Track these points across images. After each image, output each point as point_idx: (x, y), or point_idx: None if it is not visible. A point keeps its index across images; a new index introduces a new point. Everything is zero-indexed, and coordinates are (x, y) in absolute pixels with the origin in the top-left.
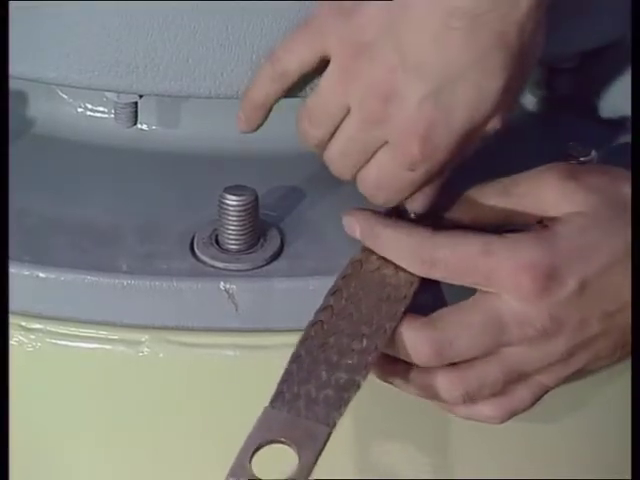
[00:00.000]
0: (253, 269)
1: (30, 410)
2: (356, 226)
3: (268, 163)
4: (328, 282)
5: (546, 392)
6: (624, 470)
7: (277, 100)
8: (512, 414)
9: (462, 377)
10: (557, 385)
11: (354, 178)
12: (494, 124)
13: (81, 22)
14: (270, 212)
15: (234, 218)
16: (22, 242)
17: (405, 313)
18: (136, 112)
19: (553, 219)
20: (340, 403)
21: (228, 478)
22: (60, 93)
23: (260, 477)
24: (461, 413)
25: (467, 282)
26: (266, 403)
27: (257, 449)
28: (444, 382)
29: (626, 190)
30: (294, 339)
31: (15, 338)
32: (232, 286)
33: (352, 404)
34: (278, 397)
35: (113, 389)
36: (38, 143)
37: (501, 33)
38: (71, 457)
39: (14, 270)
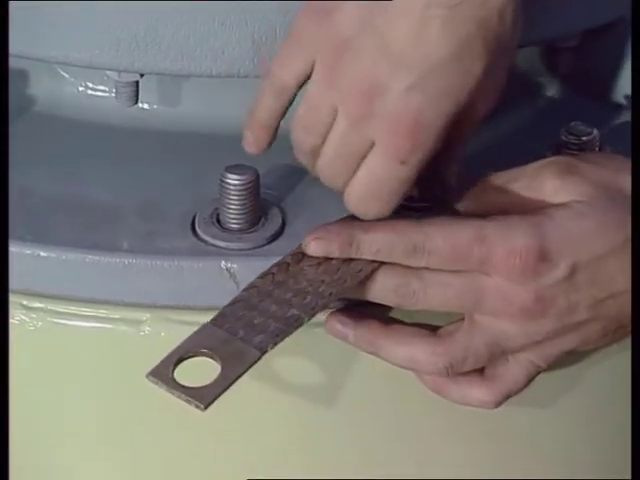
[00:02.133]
0: (254, 248)
1: (31, 389)
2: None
3: None
4: None
5: (538, 372)
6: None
7: (283, 116)
8: (505, 396)
9: (445, 347)
10: (548, 364)
11: (344, 187)
12: (483, 108)
13: (82, 1)
14: (271, 191)
15: (235, 197)
16: (23, 221)
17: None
18: (137, 91)
19: (554, 207)
20: (277, 334)
21: (148, 376)
22: (61, 72)
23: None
24: (454, 396)
25: (460, 268)
26: (268, 383)
27: (186, 358)
28: (427, 352)
29: (626, 183)
30: None
31: (16, 317)
32: (233, 265)
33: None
34: (220, 317)
35: (114, 368)
36: (39, 122)
37: (481, 19)
38: (72, 436)
39: (15, 249)
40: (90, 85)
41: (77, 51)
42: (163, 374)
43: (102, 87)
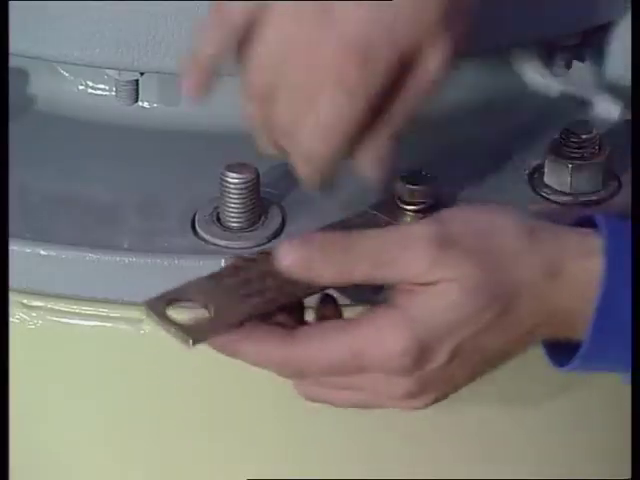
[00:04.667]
0: (254, 247)
1: (31, 387)
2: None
3: None
4: None
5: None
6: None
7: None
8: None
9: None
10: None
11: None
12: (436, 59)
13: (83, 0)
14: (271, 190)
15: (235, 196)
16: (23, 219)
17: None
18: (137, 90)
19: (424, 284)
20: (265, 308)
21: (143, 304)
22: (61, 70)
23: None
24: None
25: (339, 372)
26: (265, 380)
27: (180, 300)
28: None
29: (503, 240)
30: None
31: (16, 316)
32: None
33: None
34: (218, 274)
35: (114, 367)
36: (39, 121)
37: None
38: (72, 434)
39: (15, 247)
40: (90, 84)
41: (77, 50)
42: (156, 307)
43: (102, 86)
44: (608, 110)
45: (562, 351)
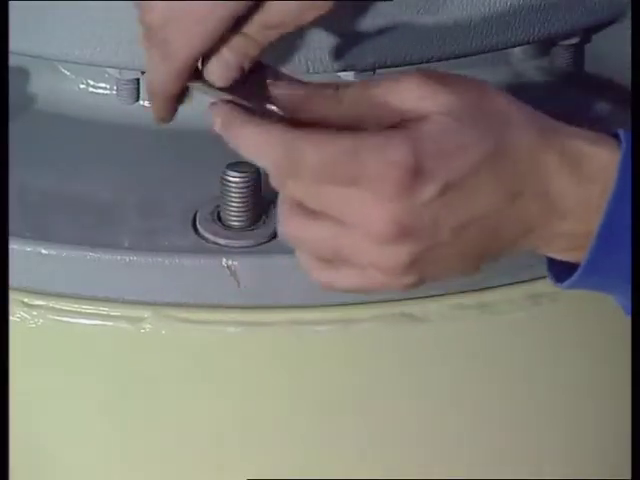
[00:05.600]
0: (255, 246)
1: (32, 386)
2: (217, 119)
3: None
4: None
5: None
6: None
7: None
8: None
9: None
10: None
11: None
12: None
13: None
14: (272, 189)
15: (236, 195)
16: (24, 218)
17: None
18: (138, 88)
19: (415, 119)
20: None
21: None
22: (62, 69)
23: None
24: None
25: (331, 175)
26: (268, 381)
27: None
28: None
29: (491, 103)
30: (296, 315)
31: (17, 314)
32: (234, 263)
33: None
34: None
35: (115, 366)
36: (40, 119)
37: None
38: (73, 433)
39: (16, 246)
40: (91, 82)
41: (78, 48)
42: None
43: (103, 84)
44: (607, 109)
45: (562, 270)
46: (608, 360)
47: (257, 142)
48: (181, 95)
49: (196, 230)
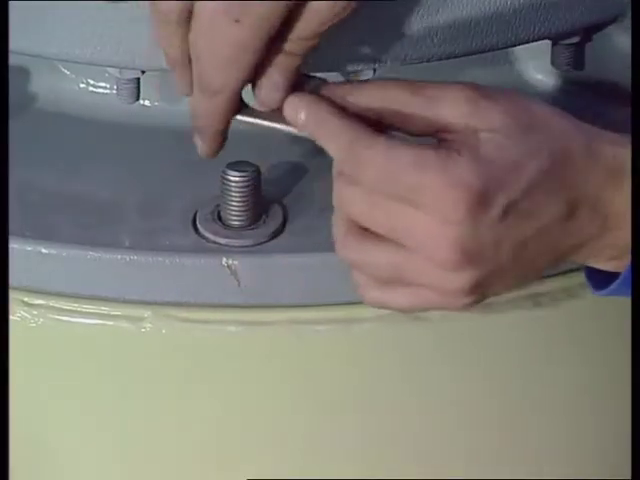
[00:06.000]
0: (255, 245)
1: (32, 386)
2: (301, 110)
3: (271, 139)
4: (330, 258)
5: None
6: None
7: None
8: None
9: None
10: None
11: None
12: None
13: None
14: (272, 188)
15: (236, 194)
16: (24, 218)
17: None
18: (138, 88)
19: (459, 135)
20: None
21: None
22: (62, 69)
23: None
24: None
25: (391, 190)
26: (268, 380)
27: None
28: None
29: (537, 116)
30: (296, 315)
31: (17, 314)
32: (234, 262)
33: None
34: None
35: (115, 365)
36: (40, 119)
37: None
38: (73, 432)
39: (16, 246)
40: (91, 82)
41: (78, 48)
42: None
43: (103, 84)
44: (607, 109)
45: (600, 278)
46: (608, 360)
47: (337, 133)
48: (227, 128)
49: (196, 229)
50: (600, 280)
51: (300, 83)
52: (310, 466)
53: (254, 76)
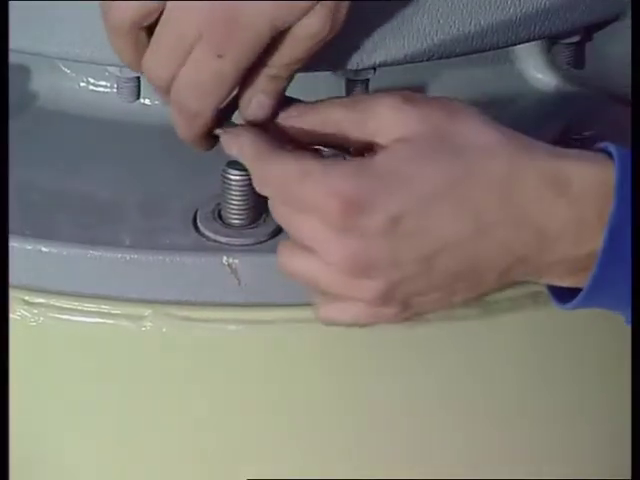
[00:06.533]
0: (256, 244)
1: (32, 384)
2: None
3: None
4: None
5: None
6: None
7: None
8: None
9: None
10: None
11: (171, 81)
12: (313, 25)
13: None
14: None
15: (237, 193)
16: (25, 216)
17: None
18: (139, 86)
19: (379, 146)
20: None
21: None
22: (63, 67)
23: None
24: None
25: (287, 202)
26: (268, 379)
27: None
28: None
29: (459, 128)
30: (297, 314)
31: (18, 312)
32: (235, 261)
33: None
34: None
35: (115, 364)
36: (41, 117)
37: None
38: (73, 431)
39: (17, 244)
40: (91, 81)
41: (78, 47)
42: None
43: (103, 83)
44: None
45: (564, 291)
46: (609, 359)
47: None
48: (211, 135)
49: (197, 228)
50: (564, 293)
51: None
52: (311, 466)
53: (239, 94)
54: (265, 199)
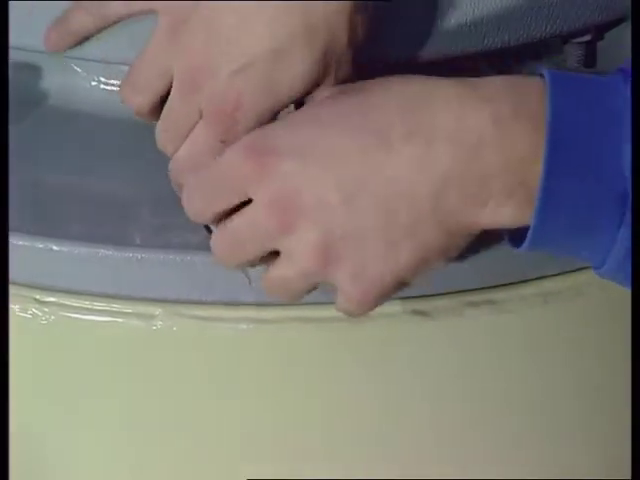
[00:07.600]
0: None
1: (42, 383)
2: None
3: None
4: None
5: None
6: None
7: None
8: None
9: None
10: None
11: (173, 153)
12: (322, 90)
13: None
14: None
15: None
16: (36, 215)
17: None
18: None
19: None
20: None
21: None
22: (74, 66)
23: None
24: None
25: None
26: (280, 378)
27: None
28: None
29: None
30: (306, 313)
31: (29, 311)
32: None
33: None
34: None
35: (126, 362)
36: (52, 116)
37: (307, 25)
38: (84, 430)
39: (27, 243)
40: (103, 79)
41: (90, 45)
42: None
43: (115, 81)
44: None
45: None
46: (614, 359)
47: None
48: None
49: (207, 226)
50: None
51: None
52: (309, 466)
53: None
54: None
